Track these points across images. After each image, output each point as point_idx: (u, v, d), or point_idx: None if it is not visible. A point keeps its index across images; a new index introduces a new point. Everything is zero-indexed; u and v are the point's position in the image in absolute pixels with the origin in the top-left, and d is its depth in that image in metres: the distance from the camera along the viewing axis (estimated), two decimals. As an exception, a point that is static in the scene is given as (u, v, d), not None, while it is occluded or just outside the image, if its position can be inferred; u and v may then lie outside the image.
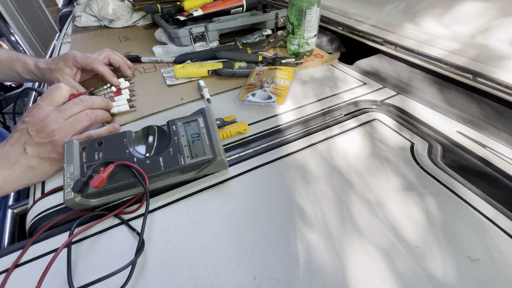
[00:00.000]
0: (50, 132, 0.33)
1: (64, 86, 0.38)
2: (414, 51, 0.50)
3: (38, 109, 0.35)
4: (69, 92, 0.38)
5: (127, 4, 0.91)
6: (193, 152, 0.32)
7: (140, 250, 0.27)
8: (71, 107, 0.36)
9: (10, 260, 0.28)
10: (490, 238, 0.27)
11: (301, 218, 0.30)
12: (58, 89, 0.37)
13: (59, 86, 0.37)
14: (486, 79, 0.40)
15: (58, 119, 0.34)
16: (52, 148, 0.33)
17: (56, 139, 0.33)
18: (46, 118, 0.34)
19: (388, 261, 0.25)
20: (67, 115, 0.35)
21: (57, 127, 0.34)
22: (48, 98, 0.36)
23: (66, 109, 0.35)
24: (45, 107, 0.35)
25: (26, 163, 0.33)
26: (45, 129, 0.33)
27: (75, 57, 0.50)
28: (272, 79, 0.50)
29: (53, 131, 0.33)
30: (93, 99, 0.39)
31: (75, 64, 0.50)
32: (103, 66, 0.52)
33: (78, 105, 0.36)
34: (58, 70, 0.49)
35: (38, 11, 1.88)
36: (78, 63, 0.50)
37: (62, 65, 0.50)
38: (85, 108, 0.37)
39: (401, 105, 0.45)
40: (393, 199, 0.31)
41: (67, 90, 0.38)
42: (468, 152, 0.36)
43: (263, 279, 0.25)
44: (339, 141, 0.39)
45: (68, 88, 0.38)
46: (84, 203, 0.30)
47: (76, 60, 0.50)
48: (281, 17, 0.71)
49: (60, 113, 0.35)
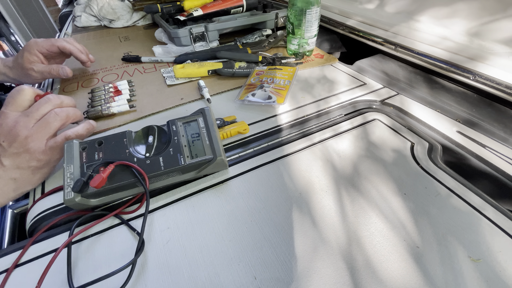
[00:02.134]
0: (22, 140, 0.31)
1: (27, 87, 0.35)
2: (414, 51, 0.50)
3: (4, 117, 0.32)
4: (33, 93, 0.35)
5: (127, 4, 0.91)
6: (193, 152, 0.32)
7: (140, 250, 0.27)
8: (38, 109, 0.33)
9: (10, 260, 0.28)
10: (490, 238, 0.27)
11: (301, 218, 0.30)
12: (20, 92, 0.34)
13: (21, 88, 0.34)
14: (486, 79, 0.40)
15: (27, 124, 0.32)
16: (30, 156, 0.31)
17: (31, 146, 0.31)
18: (15, 125, 0.31)
19: (388, 261, 0.25)
20: (35, 118, 0.33)
21: (29, 134, 0.31)
22: (12, 104, 0.33)
23: (33, 111, 0.33)
24: (10, 113, 0.32)
25: (6, 176, 0.31)
26: (16, 138, 0.31)
27: (36, 43, 0.50)
28: (272, 79, 0.50)
29: (26, 139, 0.31)
30: (61, 98, 0.36)
31: (40, 50, 0.50)
32: (67, 43, 0.53)
33: (45, 105, 0.34)
34: (26, 62, 0.49)
35: (38, 11, 1.88)
36: (42, 48, 0.50)
37: (27, 55, 0.49)
38: (53, 108, 0.34)
39: (401, 105, 0.45)
40: (393, 199, 0.31)
41: (30, 91, 0.35)
42: (468, 152, 0.36)
43: (263, 279, 0.25)
44: (339, 141, 0.39)
45: (31, 89, 0.35)
46: (84, 203, 0.30)
47: (38, 45, 0.50)
48: (281, 17, 0.71)
49: (28, 118, 0.32)
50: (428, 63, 0.49)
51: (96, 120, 0.46)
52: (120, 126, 0.45)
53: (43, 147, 0.32)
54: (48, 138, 0.33)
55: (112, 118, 0.46)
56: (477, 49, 0.42)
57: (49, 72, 0.52)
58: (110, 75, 0.60)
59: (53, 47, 0.52)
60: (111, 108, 0.46)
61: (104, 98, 0.49)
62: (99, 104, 0.47)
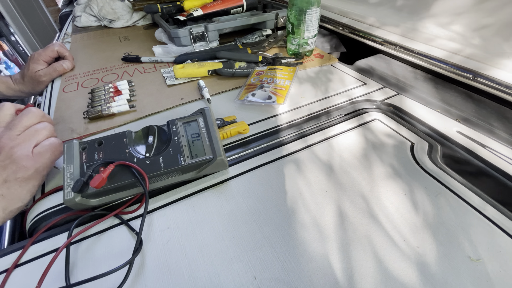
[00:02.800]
0: (8, 151, 0.31)
1: (6, 104, 0.35)
2: (414, 51, 0.50)
3: None
4: (14, 108, 0.36)
5: (127, 4, 0.91)
6: (193, 152, 0.32)
7: (138, 249, 0.27)
8: (20, 120, 0.33)
9: (10, 260, 0.28)
10: (490, 238, 0.27)
11: (301, 218, 0.30)
12: (1, 108, 0.35)
13: (1, 104, 0.35)
14: (486, 79, 0.40)
15: (11, 136, 0.32)
16: (16, 166, 0.30)
17: (17, 155, 0.30)
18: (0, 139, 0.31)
19: (388, 261, 0.25)
20: (19, 130, 0.32)
21: (14, 144, 0.31)
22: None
23: (16, 124, 0.33)
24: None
25: None
26: (2, 151, 0.30)
27: (39, 54, 0.57)
28: (272, 79, 0.50)
29: (11, 149, 0.31)
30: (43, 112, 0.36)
31: (44, 58, 0.58)
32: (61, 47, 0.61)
33: (28, 116, 0.34)
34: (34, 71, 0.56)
35: (38, 11, 1.88)
36: (46, 56, 0.58)
37: (34, 65, 0.56)
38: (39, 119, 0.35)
39: (401, 105, 0.45)
40: (393, 199, 0.31)
41: (9, 106, 0.35)
42: (468, 152, 0.36)
43: (263, 279, 0.25)
44: (339, 141, 0.39)
45: (10, 104, 0.36)
46: (84, 203, 0.30)
47: (41, 55, 0.57)
48: (281, 17, 0.71)
49: (11, 130, 0.32)
50: (428, 63, 0.49)
51: (96, 120, 0.46)
52: (120, 126, 0.45)
53: (30, 153, 0.31)
54: (35, 146, 0.33)
55: (112, 118, 0.46)
56: (477, 49, 0.42)
57: (54, 70, 0.58)
58: (110, 75, 0.60)
59: (53, 52, 0.60)
60: (111, 108, 0.46)
61: (104, 98, 0.49)
62: (99, 104, 0.47)
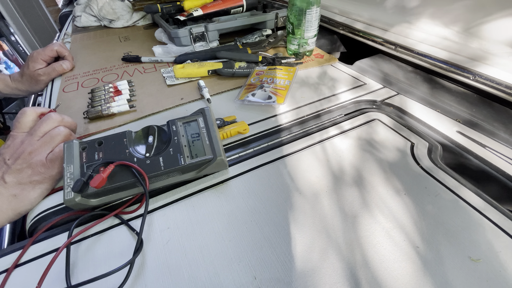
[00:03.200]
0: (26, 156, 0.32)
1: (29, 109, 0.37)
2: (414, 51, 0.50)
3: (12, 139, 0.34)
4: (35, 113, 0.37)
5: (127, 4, 0.91)
6: (193, 152, 0.32)
7: (139, 250, 0.27)
8: (40, 126, 0.35)
9: (10, 260, 0.28)
10: (490, 238, 0.27)
11: (301, 218, 0.29)
12: (23, 114, 0.36)
13: (24, 110, 0.36)
14: (486, 79, 0.40)
15: (31, 141, 0.33)
16: (32, 171, 0.32)
17: (34, 161, 0.32)
18: (21, 144, 0.33)
19: (388, 261, 0.25)
20: (38, 136, 0.34)
21: (32, 149, 0.33)
22: (17, 127, 0.35)
23: (36, 129, 0.34)
24: (17, 135, 0.35)
25: (7, 193, 0.31)
26: (21, 155, 0.32)
27: (39, 53, 0.57)
28: (272, 79, 0.50)
29: (30, 154, 0.32)
30: (63, 116, 0.38)
31: (43, 58, 0.58)
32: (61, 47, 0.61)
33: (48, 122, 0.35)
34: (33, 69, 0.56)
35: (38, 11, 1.88)
36: (45, 55, 0.58)
37: (33, 64, 0.57)
38: (57, 124, 0.36)
39: (401, 105, 0.45)
40: (393, 199, 0.31)
41: (32, 112, 0.37)
42: (468, 152, 0.36)
43: (263, 279, 0.25)
44: (339, 141, 0.39)
45: (32, 110, 0.37)
46: (84, 203, 0.30)
47: (41, 54, 0.58)
48: (281, 17, 0.71)
49: (32, 136, 0.34)
50: (428, 63, 0.49)
51: (96, 120, 0.46)
52: (120, 126, 0.45)
53: (44, 160, 0.33)
54: (50, 152, 0.34)
55: (112, 118, 0.46)
56: (477, 49, 0.42)
57: (53, 69, 0.59)
58: (110, 75, 0.60)
59: (53, 52, 0.60)
60: (111, 108, 0.46)
61: (104, 98, 0.49)
62: (99, 104, 0.47)
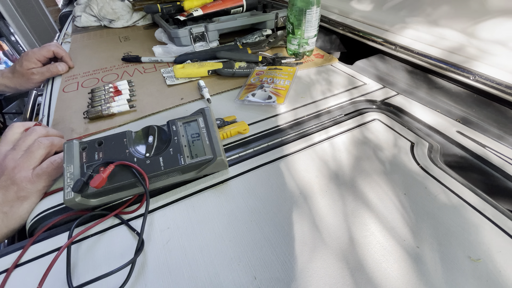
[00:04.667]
0: (10, 172, 0.32)
1: (16, 123, 0.36)
2: (414, 51, 0.50)
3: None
4: (22, 127, 0.37)
5: (127, 4, 0.91)
6: (193, 152, 0.32)
7: (140, 250, 0.27)
8: (24, 140, 0.34)
9: (10, 260, 0.28)
10: (490, 238, 0.27)
11: (301, 218, 0.30)
12: (10, 128, 0.36)
13: (11, 125, 0.36)
14: (486, 79, 0.40)
15: (14, 156, 0.33)
16: (18, 187, 0.31)
17: (17, 177, 0.31)
18: (4, 159, 0.33)
19: (388, 261, 0.25)
20: (22, 150, 0.34)
21: (15, 164, 0.32)
22: (3, 140, 0.35)
23: (19, 144, 0.34)
24: (2, 149, 0.34)
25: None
26: (5, 171, 0.32)
27: (34, 52, 0.56)
28: (272, 79, 0.50)
29: (13, 170, 0.32)
30: (47, 128, 0.37)
31: (38, 57, 0.57)
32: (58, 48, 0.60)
33: (30, 136, 0.35)
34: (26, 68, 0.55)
35: (38, 11, 1.88)
36: (40, 55, 0.57)
37: (27, 63, 0.56)
38: (38, 137, 0.35)
39: (401, 105, 0.45)
40: (393, 199, 0.31)
41: (18, 126, 0.37)
42: (468, 152, 0.36)
43: (263, 279, 0.25)
44: (339, 141, 0.39)
45: (19, 124, 0.37)
46: (84, 203, 0.30)
47: (36, 54, 0.57)
48: (281, 17, 0.71)
49: (15, 150, 0.33)
50: (428, 63, 0.49)
51: (96, 120, 0.46)
52: (120, 126, 0.45)
53: (30, 176, 0.32)
54: (35, 167, 0.33)
55: (112, 118, 0.46)
56: (477, 49, 0.42)
57: (47, 70, 0.58)
58: (110, 75, 0.60)
59: (49, 52, 0.59)
60: (111, 108, 0.46)
61: (104, 98, 0.49)
62: (99, 104, 0.47)
